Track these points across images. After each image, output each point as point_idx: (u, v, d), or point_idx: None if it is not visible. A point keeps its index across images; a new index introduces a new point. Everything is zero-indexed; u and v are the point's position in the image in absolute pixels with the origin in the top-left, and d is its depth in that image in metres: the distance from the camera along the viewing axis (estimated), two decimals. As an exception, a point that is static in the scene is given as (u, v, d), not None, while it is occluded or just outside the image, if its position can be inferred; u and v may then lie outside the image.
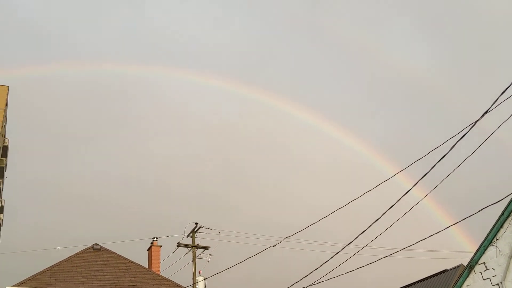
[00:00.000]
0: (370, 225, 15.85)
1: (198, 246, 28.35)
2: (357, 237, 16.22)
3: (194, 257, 28.18)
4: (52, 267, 24.37)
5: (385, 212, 15.07)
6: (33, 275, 23.31)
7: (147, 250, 29.66)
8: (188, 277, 28.50)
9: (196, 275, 27.69)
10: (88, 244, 27.73)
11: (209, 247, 28.76)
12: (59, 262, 24.98)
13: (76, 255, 26.10)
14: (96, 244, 27.54)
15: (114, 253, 27.07)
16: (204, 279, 27.56)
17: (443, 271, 30.38)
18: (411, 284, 32.83)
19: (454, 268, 29.18)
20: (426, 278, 31.62)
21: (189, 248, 28.39)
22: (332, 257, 17.43)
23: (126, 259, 26.66)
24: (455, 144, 12.95)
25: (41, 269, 24.06)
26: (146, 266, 28.56)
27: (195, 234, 28.74)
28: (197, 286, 27.17)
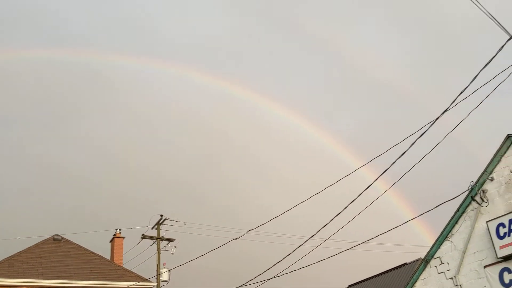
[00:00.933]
0: (332, 219, 16.07)
1: (163, 238, 28.23)
2: (319, 230, 16.45)
3: (158, 249, 28.04)
4: (10, 257, 23.86)
5: (346, 207, 15.30)
6: (-10, 265, 22.78)
7: (110, 242, 29.33)
8: (152, 269, 28.38)
9: (160, 267, 27.61)
10: (49, 235, 27.27)
11: (174, 239, 28.72)
12: (18, 252, 24.47)
13: (36, 245, 25.63)
14: (57, 235, 27.08)
15: (75, 244, 26.69)
16: (168, 271, 27.51)
17: (403, 265, 31.05)
18: (372, 277, 33.45)
19: (414, 261, 29.87)
20: (387, 271, 32.26)
21: (154, 240, 28.27)
22: (294, 250, 17.69)
23: (87, 250, 26.33)
24: (415, 141, 13.24)
25: (-1, 260, 23.55)
26: (109, 257, 28.26)
27: (160, 226, 28.65)
28: (161, 278, 27.10)
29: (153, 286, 25.34)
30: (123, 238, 29.32)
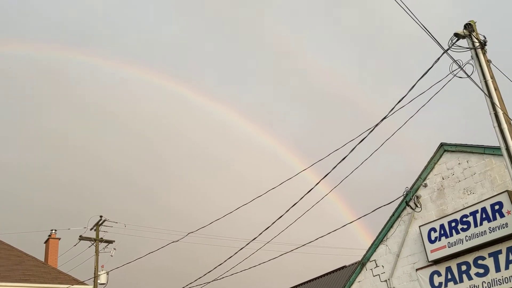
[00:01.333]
0: (274, 222, 16.11)
1: (101, 240, 27.49)
2: (261, 233, 16.45)
3: (97, 251, 27.26)
4: None
5: (287, 210, 15.37)
6: None
7: (44, 243, 28.19)
8: (90, 272, 27.55)
9: (99, 270, 26.86)
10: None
11: (114, 241, 28.03)
12: None
13: (-36, 246, 24.24)
14: (-13, 235, 25.76)
15: (7, 245, 25.45)
16: (107, 273, 26.81)
17: (343, 267, 31.67)
18: (313, 279, 33.90)
19: (353, 264, 30.54)
20: (327, 274, 32.80)
21: (92, 242, 27.48)
22: (236, 253, 17.63)
23: (20, 251, 25.16)
24: (354, 148, 13.44)
25: None
26: (43, 259, 27.14)
27: (99, 227, 27.88)
28: (98, 281, 26.35)
29: (89, 289, 24.55)
30: (59, 239, 28.27)
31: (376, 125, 13.67)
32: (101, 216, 27.61)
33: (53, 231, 28.65)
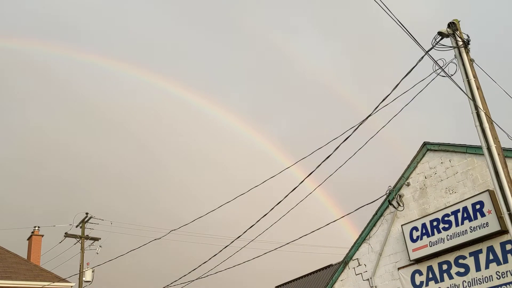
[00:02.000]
0: (258, 220, 15.96)
1: (87, 237, 27.26)
2: (245, 231, 16.33)
3: (82, 248, 27.01)
4: None
5: (272, 208, 15.24)
6: None
7: (27, 240, 27.86)
8: (75, 270, 27.28)
9: (84, 267, 26.61)
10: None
11: (99, 238, 27.82)
12: None
13: None
14: (-32, 232, 25.41)
15: (-12, 242, 25.13)
16: (92, 271, 26.59)
17: (329, 266, 31.66)
18: (299, 278, 33.86)
19: (339, 263, 30.50)
20: (313, 272, 32.77)
21: (78, 239, 27.22)
22: (220, 251, 17.50)
23: (1, 247, 24.84)
24: (338, 147, 13.32)
25: None
26: (26, 257, 26.83)
27: (85, 224, 27.62)
28: (84, 278, 26.11)
29: (71, 286, 24.29)
30: (42, 236, 27.96)
31: (360, 123, 13.60)
32: (86, 213, 27.39)
33: (36, 228, 28.36)
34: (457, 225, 12.61)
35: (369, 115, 13.46)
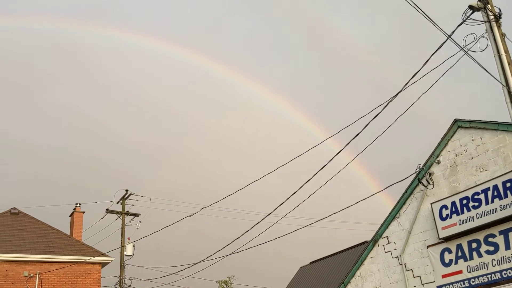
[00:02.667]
0: (288, 198, 16.17)
1: (127, 213, 28.16)
2: (275, 209, 16.54)
3: (123, 224, 27.95)
4: (-36, 230, 23.43)
5: (301, 186, 15.29)
6: None
7: (70, 216, 29.03)
8: (114, 245, 28.28)
9: (125, 242, 27.58)
10: (6, 208, 26.84)
11: (139, 214, 28.70)
12: (-29, 225, 24.02)
13: (-8, 219, 25.19)
14: (14, 208, 26.67)
15: (32, 218, 26.34)
16: (133, 245, 27.48)
17: (363, 243, 31.67)
18: (333, 254, 34.04)
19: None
20: (348, 249, 32.87)
21: (118, 215, 28.15)
22: (252, 227, 17.78)
23: (44, 224, 26.01)
24: (377, 114, 13.03)
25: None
26: (68, 232, 28.01)
27: (125, 201, 28.52)
28: (124, 252, 27.07)
29: (111, 260, 25.28)
30: (83, 212, 29.05)
31: (390, 100, 13.45)
32: (126, 190, 28.27)
33: (78, 205, 29.45)
34: (487, 203, 12.44)
35: (400, 91, 13.27)
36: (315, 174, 14.86)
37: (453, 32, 11.15)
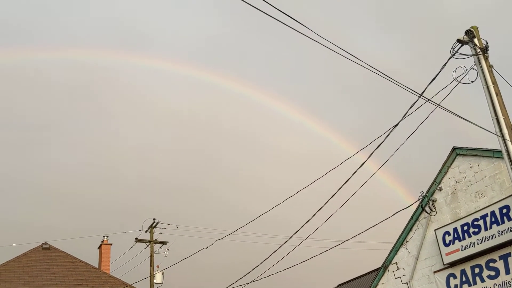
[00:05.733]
0: (315, 214, 16.03)
1: (156, 241, 28.96)
2: (302, 226, 16.56)
3: (152, 252, 28.72)
4: (-2, 267, 24.72)
5: (327, 201, 15.31)
6: (-22, 275, 23.62)
7: (98, 249, 30.15)
8: (143, 274, 29.05)
9: (154, 270, 28.35)
10: (41, 241, 28.11)
11: (167, 242, 29.51)
12: (5, 262, 25.30)
13: (24, 254, 26.46)
14: (45, 243, 27.93)
15: (63, 252, 27.50)
16: (162, 273, 28.19)
17: (375, 270, 31.49)
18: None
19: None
20: (359, 277, 32.59)
21: (147, 243, 29.00)
22: (275, 251, 18.02)
23: (74, 257, 27.14)
24: (385, 139, 13.29)
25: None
26: (96, 265, 29.08)
27: (153, 229, 29.42)
28: (154, 281, 27.83)
29: (137, 291, 26.13)
30: (111, 244, 30.12)
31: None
32: (154, 219, 29.10)
33: (105, 237, 30.56)
34: (486, 229, 12.79)
35: (401, 120, 13.69)
36: (332, 196, 14.93)
37: (445, 63, 11.77)
